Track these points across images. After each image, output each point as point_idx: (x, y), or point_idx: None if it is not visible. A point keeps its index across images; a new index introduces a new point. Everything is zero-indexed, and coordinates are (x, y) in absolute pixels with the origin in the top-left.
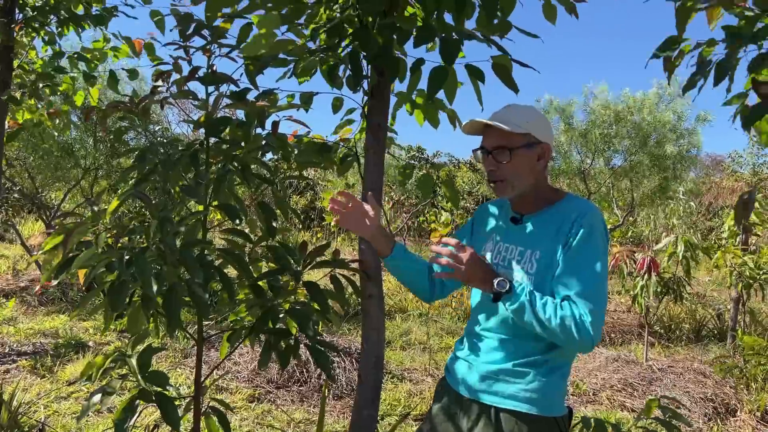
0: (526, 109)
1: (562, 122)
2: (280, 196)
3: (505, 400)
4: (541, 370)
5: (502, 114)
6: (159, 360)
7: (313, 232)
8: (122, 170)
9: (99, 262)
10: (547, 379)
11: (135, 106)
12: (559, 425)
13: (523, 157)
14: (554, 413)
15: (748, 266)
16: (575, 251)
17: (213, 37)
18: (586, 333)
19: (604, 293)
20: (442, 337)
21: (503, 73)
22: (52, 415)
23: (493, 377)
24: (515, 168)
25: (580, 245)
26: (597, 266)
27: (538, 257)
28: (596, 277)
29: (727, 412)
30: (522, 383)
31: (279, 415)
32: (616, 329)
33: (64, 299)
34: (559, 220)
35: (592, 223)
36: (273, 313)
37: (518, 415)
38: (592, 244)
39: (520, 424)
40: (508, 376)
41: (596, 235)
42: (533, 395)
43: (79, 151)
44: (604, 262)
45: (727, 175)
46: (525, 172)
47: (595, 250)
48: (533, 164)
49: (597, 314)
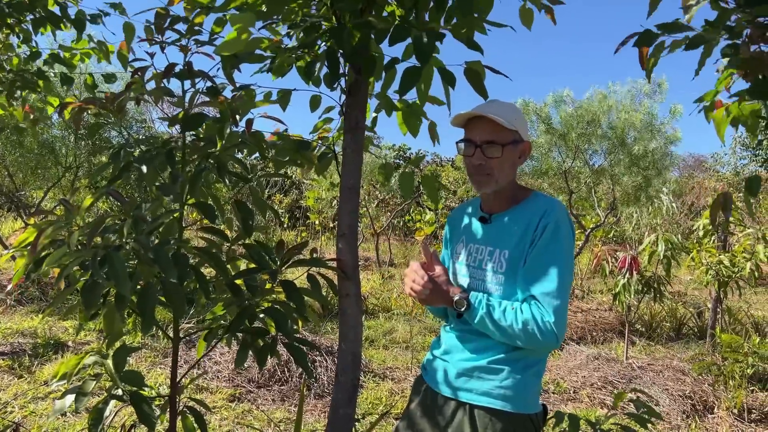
0: (511, 106)
1: (541, 123)
2: (258, 194)
3: (479, 397)
4: (516, 368)
5: (490, 108)
6: (139, 359)
7: (298, 231)
8: (96, 167)
9: (71, 261)
10: (521, 377)
11: (110, 103)
12: (533, 422)
13: (510, 153)
14: (528, 410)
15: (724, 264)
16: (541, 249)
17: (188, 32)
18: (550, 333)
19: (568, 290)
20: (425, 335)
21: (475, 78)
22: (29, 416)
23: (468, 374)
24: (502, 163)
25: (546, 243)
26: (562, 264)
27: (507, 256)
28: (560, 276)
29: (705, 409)
30: (496, 380)
31: (259, 414)
32: (598, 327)
33: (43, 299)
34: (527, 217)
35: (557, 220)
36: (249, 312)
37: (492, 411)
38: (558, 243)
39: (494, 420)
40: (482, 373)
41: (562, 234)
42: (507, 392)
43: (60, 149)
44: (568, 259)
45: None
46: (509, 168)
47: (560, 249)
48: (515, 161)
49: (560, 312)
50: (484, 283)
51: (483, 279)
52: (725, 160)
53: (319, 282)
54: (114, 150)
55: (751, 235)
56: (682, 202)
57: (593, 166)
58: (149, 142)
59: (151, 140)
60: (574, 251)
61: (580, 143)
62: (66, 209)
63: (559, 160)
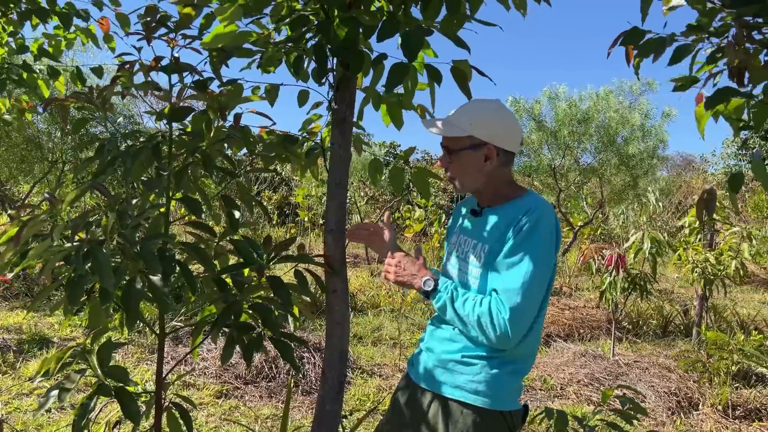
0: (480, 107)
1: (532, 121)
2: (246, 189)
3: (452, 390)
4: (491, 363)
5: (453, 113)
6: (126, 355)
7: (287, 228)
8: (81, 162)
9: (54, 255)
10: (496, 372)
11: (96, 97)
12: (506, 419)
13: (469, 158)
14: (501, 407)
15: (710, 263)
16: (514, 246)
17: (176, 27)
18: (502, 330)
19: (534, 291)
20: (413, 332)
21: (461, 78)
22: (14, 412)
23: (443, 367)
24: (461, 168)
25: (519, 242)
26: (531, 263)
27: (486, 251)
28: (527, 275)
29: (690, 405)
30: (469, 374)
31: (246, 411)
32: (585, 325)
33: (29, 294)
34: (511, 215)
35: (537, 219)
36: (236, 308)
37: (464, 405)
38: (531, 242)
39: (465, 414)
40: (456, 366)
41: (538, 234)
42: (479, 386)
43: (46, 144)
44: (541, 261)
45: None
46: (472, 172)
47: (532, 248)
48: (480, 165)
49: (519, 311)
50: (467, 275)
51: (466, 271)
52: (713, 160)
53: (306, 278)
54: (99, 144)
55: (736, 234)
56: (670, 201)
57: (583, 164)
58: (135, 137)
59: (137, 134)
60: (552, 254)
61: (570, 141)
62: (50, 203)
63: (549, 158)
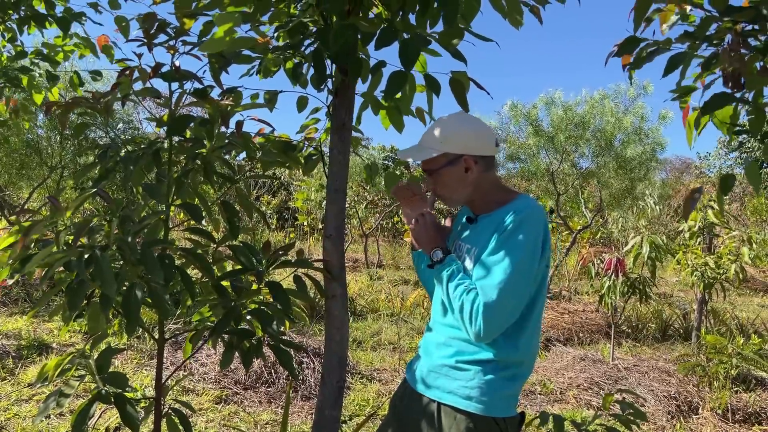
0: (445, 123)
1: (529, 125)
2: (245, 195)
3: (445, 395)
4: (485, 369)
5: (422, 137)
6: (125, 361)
7: (286, 232)
8: (82, 167)
9: (56, 261)
10: (491, 378)
11: (97, 103)
12: (500, 426)
13: (450, 174)
14: (494, 413)
15: (709, 266)
16: (497, 243)
17: (176, 34)
18: (476, 325)
19: (513, 290)
20: (412, 337)
21: (458, 89)
22: (13, 418)
23: (437, 372)
24: (446, 185)
25: (503, 239)
26: (512, 261)
27: (476, 254)
28: (505, 272)
29: (690, 409)
30: (462, 380)
31: (246, 416)
32: (585, 329)
33: (28, 300)
34: (500, 218)
35: (522, 219)
36: (235, 314)
37: (457, 410)
38: (514, 240)
39: (458, 419)
40: (450, 372)
41: (521, 233)
42: (472, 392)
43: (46, 149)
44: (523, 259)
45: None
46: (457, 186)
47: (513, 246)
48: (463, 177)
49: (494, 309)
50: None
51: None
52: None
53: (305, 283)
54: (101, 150)
55: (736, 238)
56: (669, 205)
57: (581, 168)
58: (135, 143)
59: (138, 140)
60: (536, 255)
61: (568, 145)
62: (52, 208)
63: (546, 162)
